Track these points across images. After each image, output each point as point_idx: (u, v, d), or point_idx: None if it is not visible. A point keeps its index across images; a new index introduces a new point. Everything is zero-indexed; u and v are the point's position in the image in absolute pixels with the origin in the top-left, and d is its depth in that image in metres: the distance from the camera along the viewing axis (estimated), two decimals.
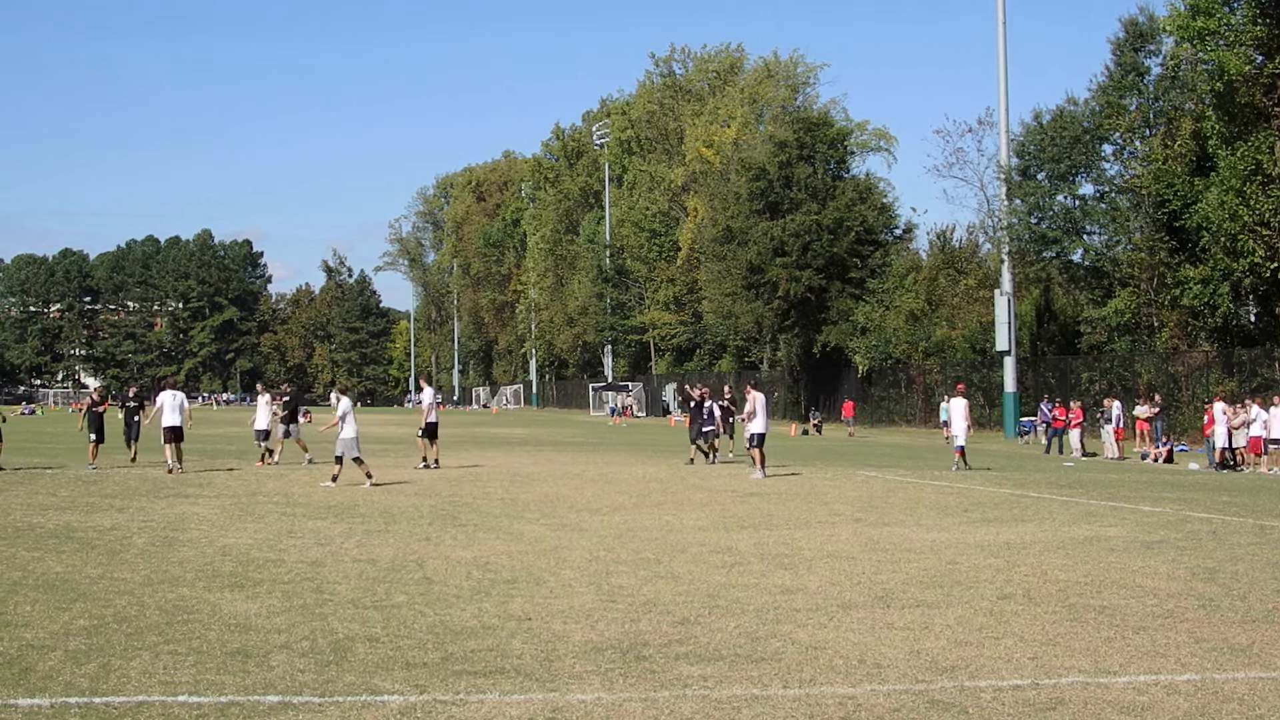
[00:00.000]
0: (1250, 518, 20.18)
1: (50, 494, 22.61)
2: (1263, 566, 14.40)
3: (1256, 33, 45.55)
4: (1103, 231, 58.24)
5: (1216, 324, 51.11)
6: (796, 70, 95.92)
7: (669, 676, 8.65)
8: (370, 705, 7.81)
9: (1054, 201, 59.11)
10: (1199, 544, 16.59)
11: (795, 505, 21.92)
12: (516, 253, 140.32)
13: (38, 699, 7.87)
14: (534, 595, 11.99)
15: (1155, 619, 10.99)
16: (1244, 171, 45.80)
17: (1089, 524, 19.05)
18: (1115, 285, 56.45)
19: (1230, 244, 46.52)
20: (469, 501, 21.96)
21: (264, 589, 12.19)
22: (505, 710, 7.73)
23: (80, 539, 15.99)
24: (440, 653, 9.35)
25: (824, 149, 78.38)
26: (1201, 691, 8.34)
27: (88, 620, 10.49)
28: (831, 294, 73.85)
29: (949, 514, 20.49)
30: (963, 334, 66.48)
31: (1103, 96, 56.88)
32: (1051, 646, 9.75)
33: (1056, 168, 58.47)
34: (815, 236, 73.92)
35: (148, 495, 22.46)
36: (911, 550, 15.65)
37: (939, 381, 67.37)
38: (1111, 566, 14.29)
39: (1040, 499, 23.75)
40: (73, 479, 26.28)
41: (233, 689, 8.19)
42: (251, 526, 17.70)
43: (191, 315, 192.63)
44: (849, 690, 8.28)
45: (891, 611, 11.25)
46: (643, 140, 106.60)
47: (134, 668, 8.75)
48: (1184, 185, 50.20)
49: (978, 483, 27.70)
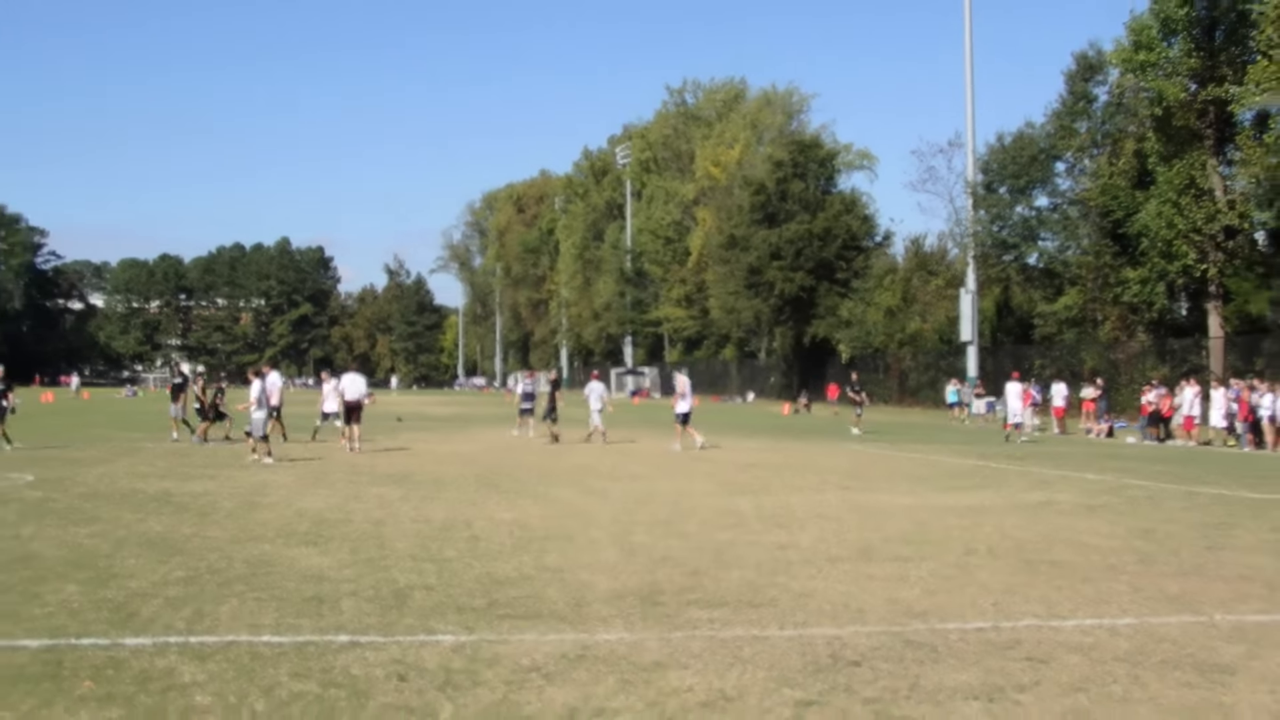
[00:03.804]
0: (1181, 485, 20.11)
1: (150, 465, 22.70)
2: (1192, 526, 14.36)
3: (1191, 64, 45.42)
4: (1055, 238, 58.29)
5: (1153, 318, 51.05)
6: (791, 100, 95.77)
7: (681, 620, 8.65)
8: (427, 644, 7.83)
9: (1013, 212, 59.22)
10: (1136, 507, 16.55)
11: (789, 474, 21.92)
12: (550, 257, 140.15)
13: (142, 639, 7.90)
14: (565, 550, 12.01)
15: (1099, 571, 10.97)
16: (1179, 186, 45.80)
17: (1041, 490, 19.02)
18: (1065, 284, 56.40)
19: (1166, 249, 46.50)
20: (508, 470, 22.00)
21: (334, 545, 12.23)
22: (541, 648, 7.75)
23: (176, 503, 16.06)
24: (486, 599, 9.37)
25: (815, 167, 78.50)
26: (1139, 633, 8.32)
27: (184, 572, 10.54)
28: (820, 292, 73.89)
29: (922, 482, 20.48)
30: (933, 327, 66.41)
31: (1057, 121, 56.83)
32: (1010, 595, 9.74)
33: (1016, 182, 58.53)
34: (807, 243, 74.16)
35: (233, 466, 22.55)
36: (889, 512, 15.64)
37: (912, 368, 67.35)
38: (1061, 526, 14.26)
39: (1000, 469, 23.71)
40: (168, 451, 26.38)
41: (308, 630, 8.22)
42: (323, 492, 17.75)
43: (272, 310, 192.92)
44: (836, 631, 8.28)
45: (872, 564, 11.25)
46: (659, 160, 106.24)
47: (223, 612, 8.79)
48: (1126, 198, 50.15)
49: (947, 454, 27.66)
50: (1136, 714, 6.40)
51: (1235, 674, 7.24)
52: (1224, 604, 9.45)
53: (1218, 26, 45.89)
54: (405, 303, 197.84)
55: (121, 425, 34.51)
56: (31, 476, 19.71)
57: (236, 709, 6.32)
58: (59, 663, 7.25)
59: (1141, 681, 7.04)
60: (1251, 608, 9.34)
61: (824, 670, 7.23)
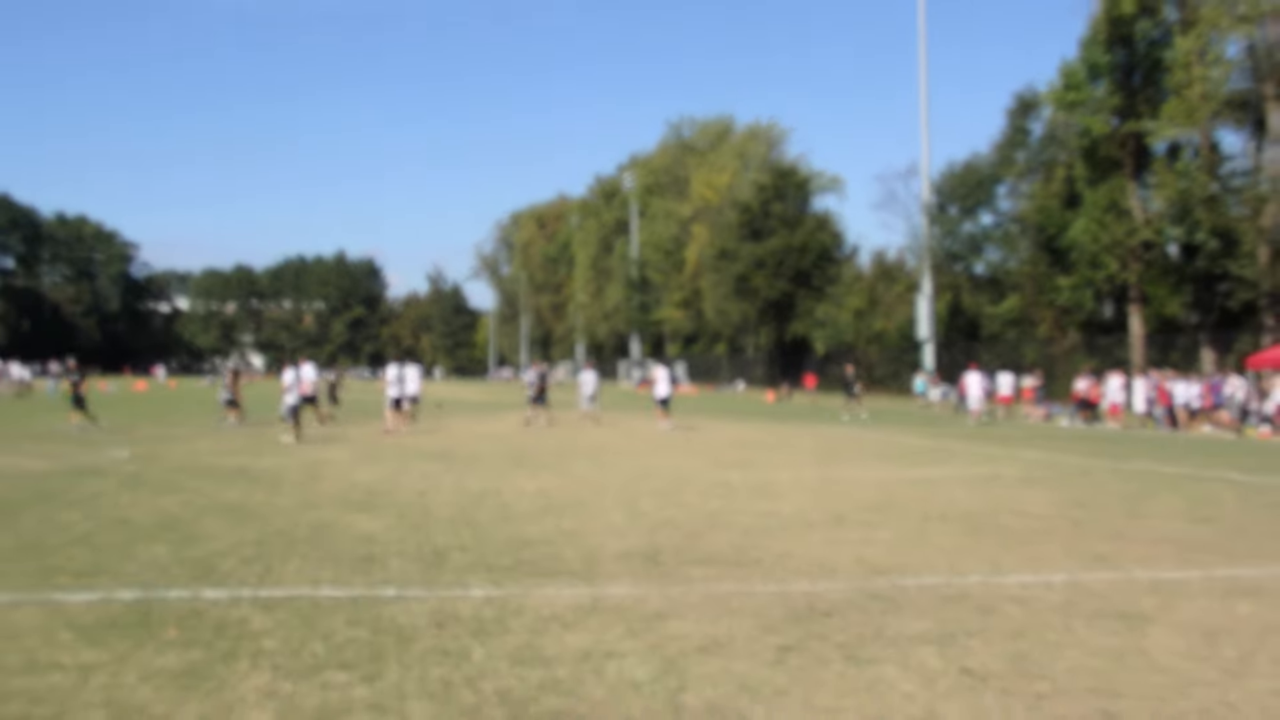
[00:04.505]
0: (1109, 461, 20.06)
1: (229, 444, 22.72)
2: (1118, 497, 14.32)
3: (1113, 102, 45.54)
4: (998, 250, 58.33)
5: (1082, 319, 51.08)
6: (772, 132, 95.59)
7: (679, 576, 8.64)
8: (462, 597, 7.82)
9: (962, 228, 59.21)
10: (1070, 480, 16.51)
11: (772, 452, 21.89)
12: (567, 267, 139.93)
13: (219, 592, 7.91)
14: (580, 516, 12.00)
15: (1037, 535, 10.94)
16: (1103, 206, 45.98)
17: (988, 466, 18.98)
18: (1007, 290, 56.53)
19: (1092, 260, 46.64)
20: (533, 449, 21.99)
21: (383, 512, 12.22)
22: (559, 600, 7.74)
23: (250, 476, 16.07)
24: (512, 558, 9.36)
25: (793, 190, 78.56)
26: (1071, 588, 8.30)
27: (255, 535, 10.54)
28: (798, 297, 73.96)
29: (886, 459, 20.44)
30: (895, 326, 66.41)
31: (999, 150, 57.02)
32: (960, 554, 9.71)
33: (964, 203, 58.63)
34: (786, 255, 74.24)
35: (298, 444, 22.53)
36: (858, 484, 15.61)
37: (878, 361, 67.23)
38: (1005, 497, 14.23)
39: (953, 447, 23.67)
40: (241, 432, 26.36)
41: (360, 585, 8.22)
42: (375, 467, 17.75)
43: (330, 312, 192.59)
44: (811, 586, 8.26)
45: (843, 529, 11.22)
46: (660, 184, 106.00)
47: (289, 569, 8.79)
48: (1058, 216, 50.25)
49: (909, 436, 27.61)
50: (1069, 656, 6.38)
51: (1153, 622, 7.22)
52: (1143, 562, 9.42)
53: (1136, 70, 45.93)
54: (444, 306, 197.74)
55: (200, 410, 34.60)
56: (127, 453, 19.73)
57: (299, 652, 6.32)
58: (148, 612, 7.25)
59: (1073, 629, 7.03)
60: (1166, 565, 9.31)
61: (801, 619, 7.21)
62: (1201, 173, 41.85)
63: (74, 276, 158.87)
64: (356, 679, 5.81)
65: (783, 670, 6.06)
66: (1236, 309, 43.29)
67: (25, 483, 14.84)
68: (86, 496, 13.35)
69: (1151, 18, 44.34)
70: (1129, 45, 45.45)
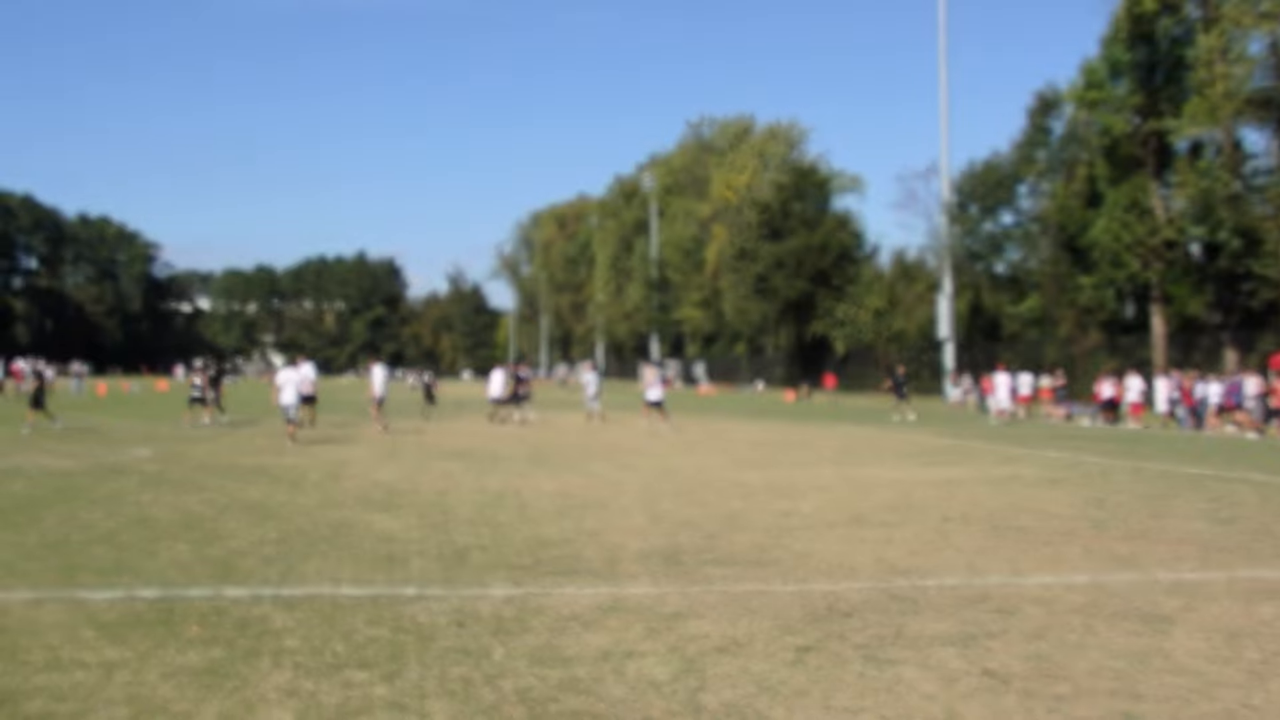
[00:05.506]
0: (1129, 461, 19.95)
1: (249, 443, 22.82)
2: (1138, 497, 14.24)
3: (1134, 101, 45.34)
4: (1018, 250, 58.02)
5: (1103, 318, 50.78)
6: (792, 132, 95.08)
7: (698, 575, 8.63)
8: (482, 596, 7.83)
9: (982, 228, 58.91)
10: (1090, 480, 16.42)
11: (791, 451, 21.85)
12: (587, 267, 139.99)
13: (240, 590, 7.94)
14: (600, 516, 12.00)
15: (1058, 535, 10.88)
16: (1124, 205, 45.72)
17: (1008, 465, 18.90)
18: (1028, 289, 56.18)
19: (1114, 259, 46.37)
20: (553, 448, 22.01)
21: (404, 511, 12.26)
22: (580, 599, 7.74)
23: (271, 474, 16.14)
24: (532, 558, 9.36)
25: (812, 190, 78.42)
26: (1092, 589, 8.25)
27: (276, 533, 10.58)
28: (818, 296, 73.64)
29: (906, 458, 20.37)
30: (915, 325, 66.19)
31: (1019, 149, 56.67)
32: (980, 555, 9.67)
33: (985, 202, 58.31)
34: (806, 255, 73.99)
35: (319, 443, 22.64)
36: (878, 484, 15.57)
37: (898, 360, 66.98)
38: (1025, 497, 14.16)
39: (973, 447, 23.58)
40: (266, 431, 26.47)
41: (381, 583, 8.24)
42: (395, 466, 17.80)
43: (351, 312, 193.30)
44: (831, 586, 8.24)
45: (863, 529, 11.19)
46: (680, 184, 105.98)
47: (309, 568, 8.82)
48: (1079, 215, 49.96)
49: (929, 435, 27.51)
50: (1090, 658, 6.34)
51: (1174, 624, 7.17)
52: (1165, 564, 9.36)
53: (1158, 69, 45.69)
54: (464, 305, 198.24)
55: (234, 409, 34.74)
56: (149, 452, 19.85)
57: (320, 651, 6.34)
58: (170, 610, 7.29)
59: (1094, 630, 6.98)
60: (1188, 567, 9.25)
61: (821, 620, 7.19)
62: (1224, 171, 41.58)
63: (96, 277, 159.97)
64: (377, 677, 5.83)
65: (802, 670, 6.05)
66: (1260, 309, 42.98)
67: (48, 481, 14.95)
68: (109, 495, 13.43)
69: (1173, 15, 44.10)
70: (1151, 43, 45.22)
